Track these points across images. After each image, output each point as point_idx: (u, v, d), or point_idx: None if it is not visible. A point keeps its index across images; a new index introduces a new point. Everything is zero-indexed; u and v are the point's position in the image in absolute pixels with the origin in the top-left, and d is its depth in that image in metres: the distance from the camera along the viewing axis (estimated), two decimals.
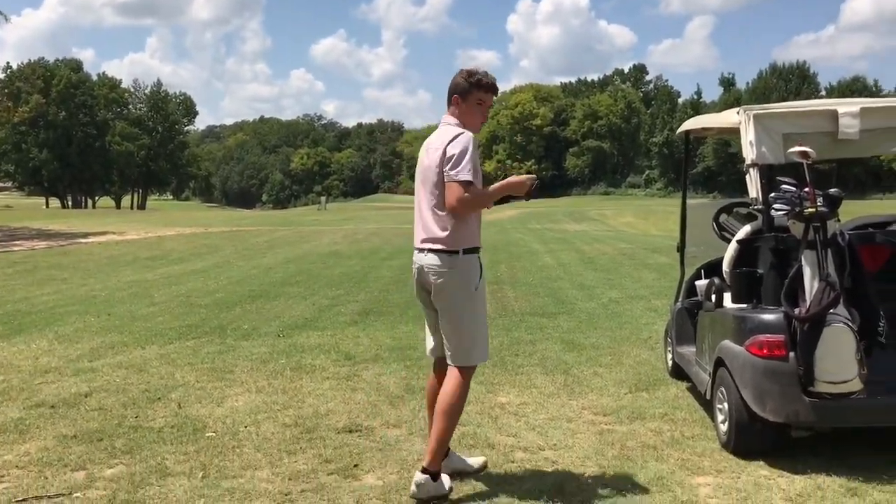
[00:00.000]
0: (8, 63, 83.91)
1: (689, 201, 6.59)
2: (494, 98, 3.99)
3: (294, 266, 15.44)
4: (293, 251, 19.14)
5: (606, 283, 12.25)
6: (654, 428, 4.90)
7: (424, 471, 3.75)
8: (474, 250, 3.92)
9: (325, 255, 17.95)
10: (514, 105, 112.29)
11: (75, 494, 3.88)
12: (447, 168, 3.77)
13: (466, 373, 3.93)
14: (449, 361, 3.92)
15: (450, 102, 4.01)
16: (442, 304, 3.90)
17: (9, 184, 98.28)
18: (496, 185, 3.90)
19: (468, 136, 3.83)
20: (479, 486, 3.93)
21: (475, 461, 4.18)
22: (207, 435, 4.77)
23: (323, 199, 76.15)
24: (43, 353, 7.27)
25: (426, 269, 3.88)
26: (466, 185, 3.76)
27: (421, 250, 3.92)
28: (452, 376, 3.90)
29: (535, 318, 9.04)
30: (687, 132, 6.26)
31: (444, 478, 3.80)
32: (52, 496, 3.86)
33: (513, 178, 3.96)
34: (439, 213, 3.85)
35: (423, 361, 6.70)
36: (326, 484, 3.99)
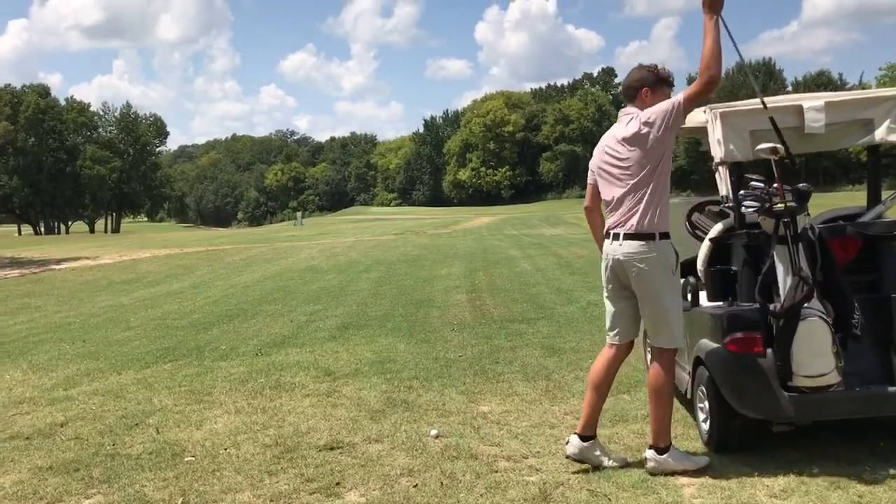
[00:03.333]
0: None
1: None
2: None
3: (271, 283, 15.35)
4: (270, 268, 19.03)
5: (584, 286, 12.27)
6: (637, 430, 4.90)
7: (657, 449, 4.14)
8: (667, 235, 4.16)
9: (302, 270, 17.86)
10: (486, 112, 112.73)
11: None
12: (660, 118, 4.07)
13: (673, 353, 4.27)
14: (657, 345, 4.23)
15: (634, 98, 4.28)
16: (647, 289, 4.15)
17: None
18: (708, 29, 3.90)
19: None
20: (463, 498, 3.90)
21: (616, 459, 4.31)
22: (186, 459, 4.70)
23: (298, 214, 75.87)
24: (17, 383, 7.15)
25: (626, 257, 4.13)
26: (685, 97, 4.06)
27: (616, 237, 4.19)
28: (662, 357, 4.24)
29: (515, 324, 9.03)
30: None
31: (673, 451, 4.16)
32: None
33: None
34: (641, 202, 4.11)
35: (403, 374, 6.67)
36: (309, 503, 3.94)
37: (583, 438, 4.28)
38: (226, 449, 4.86)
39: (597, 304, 10.24)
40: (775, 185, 4.28)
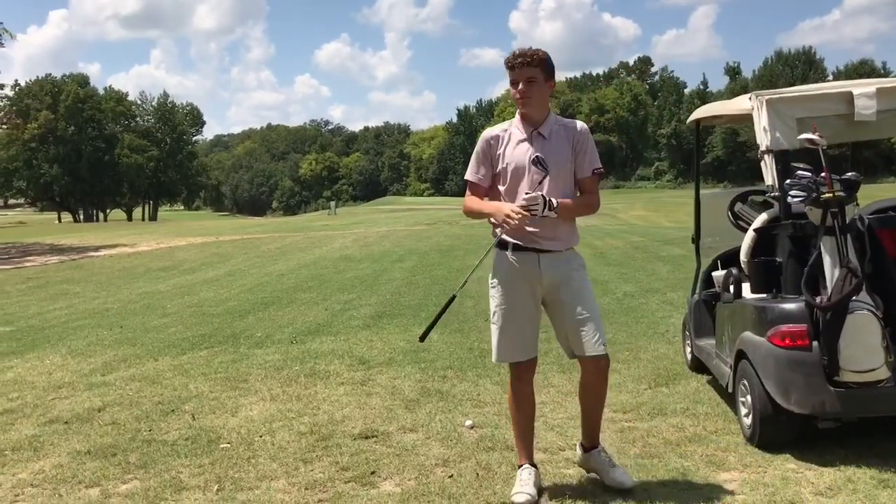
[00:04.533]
0: (16, 80, 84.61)
1: (702, 191, 6.48)
2: (518, 74, 3.69)
3: (306, 272, 15.41)
4: (304, 257, 19.11)
5: (620, 277, 12.14)
6: (676, 423, 4.81)
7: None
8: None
9: (336, 259, 17.91)
10: None
11: None
12: None
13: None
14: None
15: None
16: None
17: (21, 200, 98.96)
18: (486, 204, 3.88)
19: (483, 133, 3.96)
20: (500, 490, 3.85)
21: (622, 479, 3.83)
22: (222, 446, 4.71)
23: (332, 203, 76.16)
24: (56, 368, 7.24)
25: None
26: (467, 184, 3.98)
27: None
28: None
29: None
30: (697, 121, 6.16)
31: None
32: None
33: (500, 206, 3.75)
34: None
35: (437, 363, 6.64)
36: (344, 492, 3.92)
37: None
38: (261, 436, 4.87)
39: (633, 295, 10.14)
40: (823, 174, 4.15)
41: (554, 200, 3.66)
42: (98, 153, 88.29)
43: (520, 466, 3.89)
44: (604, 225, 28.70)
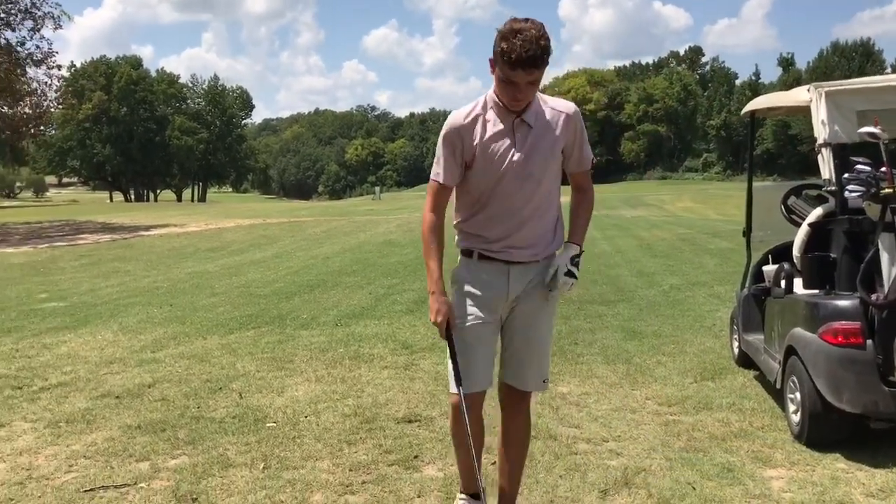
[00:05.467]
0: (72, 62, 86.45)
1: (754, 184, 6.37)
2: (521, 76, 2.85)
3: (350, 256, 15.51)
4: (349, 241, 19.24)
5: (666, 269, 12.01)
6: (722, 418, 4.75)
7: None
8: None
9: (380, 244, 17.99)
10: (567, 90, 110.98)
11: (140, 485, 3.91)
12: None
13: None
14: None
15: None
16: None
17: (74, 179, 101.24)
18: (433, 277, 3.13)
19: (449, 118, 3.13)
20: (542, 478, 3.85)
21: None
22: (268, 425, 4.78)
23: (377, 188, 76.52)
24: (108, 343, 7.41)
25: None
26: (434, 186, 3.18)
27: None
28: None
29: (594, 305, 8.89)
30: (752, 112, 6.05)
31: None
32: (119, 486, 3.90)
33: (436, 303, 3.13)
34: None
35: None
36: (387, 475, 3.96)
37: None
38: (306, 416, 4.93)
39: (679, 287, 10.02)
40: (883, 168, 4.05)
41: (574, 262, 3.14)
42: (149, 134, 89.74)
43: (460, 495, 3.39)
44: (650, 216, 28.37)
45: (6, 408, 5.32)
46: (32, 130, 35.23)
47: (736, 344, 6.08)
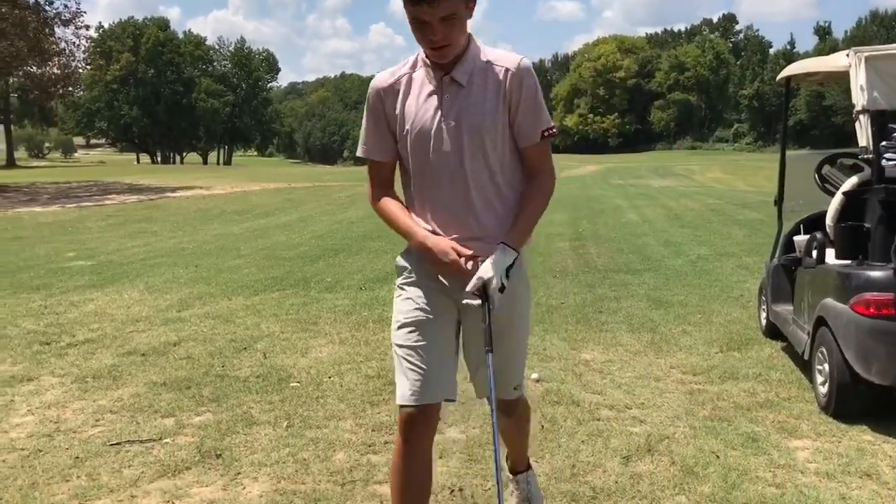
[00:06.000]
0: (100, 23, 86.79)
1: (788, 153, 6.24)
2: (428, 12, 2.26)
3: (374, 221, 15.41)
4: None
5: (694, 239, 11.88)
6: (748, 388, 4.70)
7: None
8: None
9: None
10: (597, 57, 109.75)
11: (165, 440, 3.96)
12: None
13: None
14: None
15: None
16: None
17: (102, 140, 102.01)
18: (417, 234, 2.52)
19: (373, 80, 2.59)
20: (564, 443, 3.84)
21: None
22: (292, 385, 4.81)
23: None
24: (134, 302, 7.49)
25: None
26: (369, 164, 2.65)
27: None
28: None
29: (620, 274, 8.83)
30: (787, 78, 5.91)
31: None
32: (144, 441, 3.95)
33: (439, 243, 2.47)
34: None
35: None
36: None
37: None
38: (329, 377, 4.95)
39: (707, 258, 9.92)
40: None
41: (504, 257, 2.43)
42: (176, 96, 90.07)
43: None
44: (678, 186, 28.11)
45: (35, 362, 5.39)
46: (61, 91, 35.54)
47: (764, 314, 6.00)
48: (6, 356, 5.57)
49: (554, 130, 2.53)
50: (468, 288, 2.42)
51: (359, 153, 2.61)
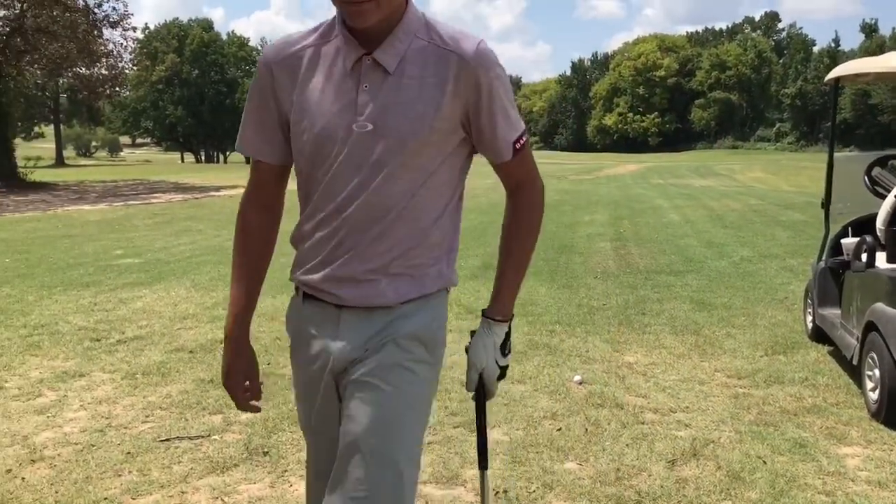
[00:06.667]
0: (146, 24, 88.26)
1: (835, 154, 6.14)
2: None
3: None
4: None
5: (737, 240, 11.74)
6: (794, 393, 4.65)
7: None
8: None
9: None
10: (637, 56, 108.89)
11: (213, 437, 4.03)
12: None
13: None
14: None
15: None
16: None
17: (148, 139, 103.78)
18: (232, 311, 2.04)
19: (266, 53, 1.83)
20: (609, 446, 3.83)
21: None
22: None
23: None
24: (181, 300, 7.62)
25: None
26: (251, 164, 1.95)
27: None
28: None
29: (662, 276, 8.76)
30: (836, 79, 5.81)
31: None
32: (193, 437, 4.03)
33: (227, 355, 2.06)
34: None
35: (545, 318, 6.62)
36: (453, 437, 3.99)
37: None
38: None
39: (750, 259, 9.81)
40: None
41: (506, 351, 1.98)
42: (220, 97, 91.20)
43: None
44: (721, 186, 27.75)
45: (86, 359, 5.53)
46: (108, 91, 36.20)
47: (810, 318, 5.92)
48: (59, 352, 5.72)
49: (525, 139, 1.84)
50: (466, 387, 1.98)
51: (237, 147, 1.89)
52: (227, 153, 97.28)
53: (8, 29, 28.92)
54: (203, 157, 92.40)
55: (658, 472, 3.55)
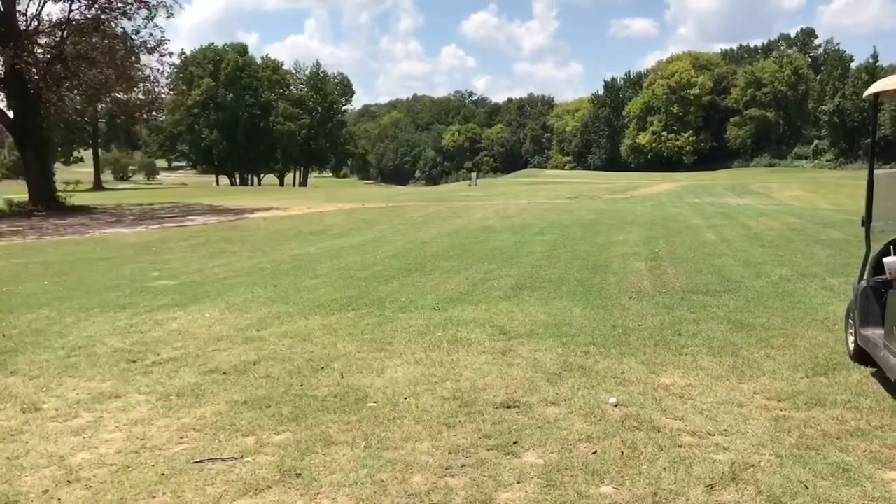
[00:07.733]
0: (182, 49, 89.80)
1: (876, 171, 6.01)
2: None
3: (447, 241, 15.57)
4: (446, 226, 19.32)
5: (775, 259, 11.54)
6: (836, 416, 4.53)
7: None
8: None
9: (476, 230, 18.00)
10: (671, 74, 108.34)
11: (246, 458, 4.03)
12: None
13: None
14: None
15: None
16: None
17: (183, 163, 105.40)
18: None
19: None
20: (645, 470, 3.76)
21: None
22: (369, 405, 4.85)
23: (473, 174, 76.72)
24: (215, 321, 7.67)
25: None
26: None
27: None
28: None
29: (698, 296, 8.63)
30: (876, 94, 5.71)
31: None
32: (226, 459, 4.03)
33: None
34: None
35: (579, 338, 6.55)
36: (487, 459, 3.95)
37: None
38: (405, 398, 4.97)
39: (789, 279, 9.63)
40: None
41: None
42: (254, 120, 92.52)
43: None
44: (758, 204, 27.39)
45: (122, 380, 5.58)
46: (145, 116, 36.94)
47: (852, 339, 5.78)
48: (95, 373, 5.78)
49: None
50: None
51: None
52: (262, 175, 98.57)
53: (49, 56, 29.60)
54: (238, 180, 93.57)
55: (696, 496, 3.47)
